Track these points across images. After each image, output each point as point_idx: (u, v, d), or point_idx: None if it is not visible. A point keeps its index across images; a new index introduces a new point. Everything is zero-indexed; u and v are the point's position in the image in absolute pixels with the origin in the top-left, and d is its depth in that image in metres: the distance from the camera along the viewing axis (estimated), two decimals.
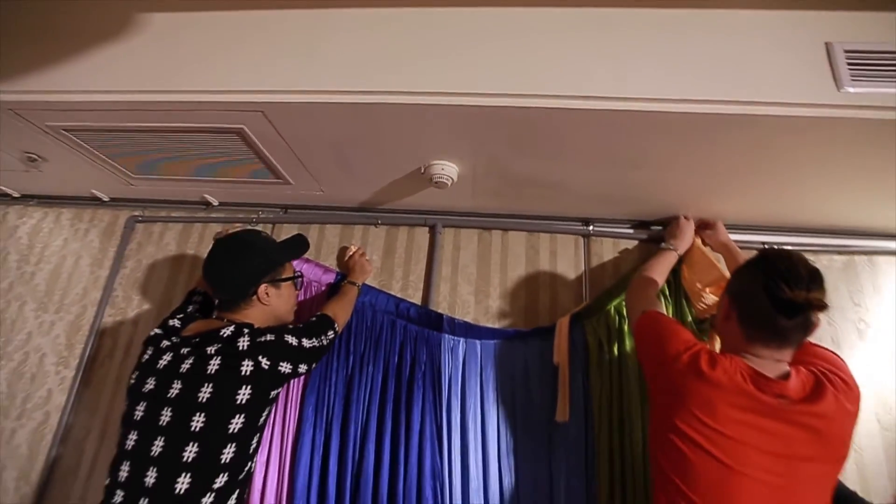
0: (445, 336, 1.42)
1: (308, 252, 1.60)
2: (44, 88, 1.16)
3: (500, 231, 1.62)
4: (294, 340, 1.10)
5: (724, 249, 1.38)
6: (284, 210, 1.73)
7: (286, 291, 1.23)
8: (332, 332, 1.22)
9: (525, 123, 1.09)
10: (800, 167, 1.17)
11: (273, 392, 1.06)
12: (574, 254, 1.57)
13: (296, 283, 1.28)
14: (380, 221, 1.66)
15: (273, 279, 1.17)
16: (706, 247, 1.42)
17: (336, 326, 1.24)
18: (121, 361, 1.61)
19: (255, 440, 1.05)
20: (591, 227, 1.57)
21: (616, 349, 1.34)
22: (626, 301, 1.28)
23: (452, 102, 1.04)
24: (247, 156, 1.35)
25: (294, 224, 1.70)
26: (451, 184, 1.33)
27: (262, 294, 1.14)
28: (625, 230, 1.57)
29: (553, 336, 1.38)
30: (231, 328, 1.05)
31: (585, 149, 1.17)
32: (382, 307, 1.48)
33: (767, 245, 1.48)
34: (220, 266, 1.14)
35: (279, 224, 1.71)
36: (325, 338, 1.18)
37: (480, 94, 1.03)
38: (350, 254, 1.56)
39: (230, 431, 0.97)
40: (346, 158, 1.33)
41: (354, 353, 1.40)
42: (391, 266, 1.61)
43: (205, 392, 0.96)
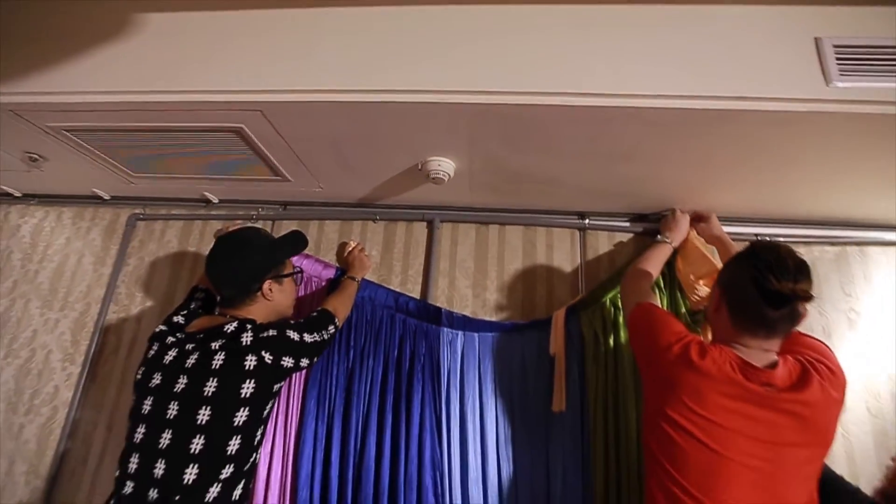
0: (444, 329, 1.45)
1: (308, 248, 1.62)
2: (44, 90, 1.17)
3: (497, 225, 1.64)
4: (296, 335, 1.12)
5: (718, 242, 1.40)
6: (284, 207, 1.75)
7: (288, 287, 1.26)
8: (333, 327, 1.24)
9: (519, 120, 1.11)
10: (791, 160, 1.19)
11: (276, 386, 1.09)
12: (570, 247, 1.59)
13: (296, 279, 1.31)
14: (378, 217, 1.68)
15: (276, 275, 1.20)
16: (700, 239, 1.45)
17: (336, 321, 1.26)
18: (125, 357, 1.64)
19: (260, 432, 1.08)
20: (587, 221, 1.59)
21: (611, 340, 1.37)
22: (621, 293, 1.30)
23: (448, 100, 1.06)
24: (246, 154, 1.37)
25: (294, 220, 1.72)
26: (448, 179, 1.35)
27: (267, 290, 1.17)
28: (620, 223, 1.59)
29: (549, 328, 1.41)
30: (234, 324, 1.07)
31: (579, 144, 1.19)
32: (382, 301, 1.50)
33: (760, 237, 1.50)
34: (225, 264, 1.16)
35: (279, 221, 1.73)
36: (326, 332, 1.21)
37: (475, 92, 1.05)
38: (349, 249, 1.58)
39: (235, 424, 1.00)
40: (344, 156, 1.35)
41: (355, 347, 1.43)
42: (390, 261, 1.63)
43: (210, 386, 0.99)
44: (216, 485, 0.97)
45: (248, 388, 1.01)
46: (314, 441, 1.34)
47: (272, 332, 1.09)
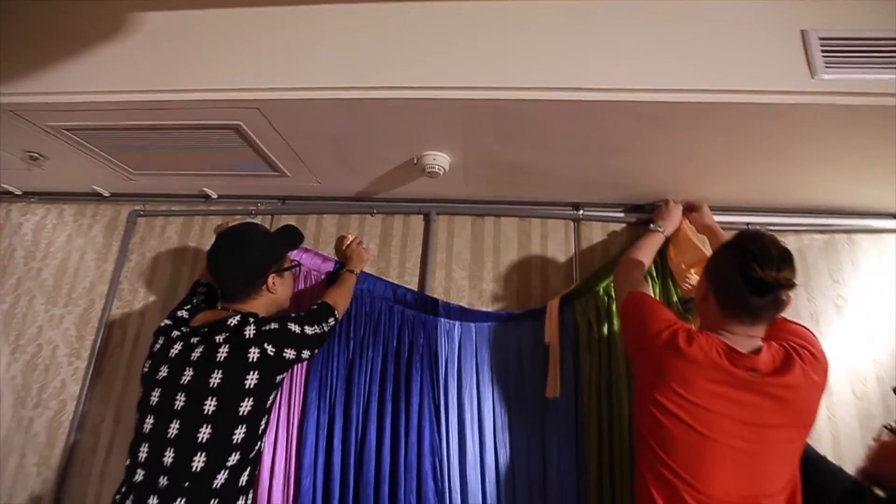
0: (441, 320, 1.48)
1: (306, 241, 1.66)
2: (44, 90, 1.19)
3: (493, 217, 1.66)
4: (297, 328, 1.16)
5: (709, 231, 1.43)
6: (282, 201, 1.77)
7: (288, 280, 1.30)
8: (333, 319, 1.28)
9: (512, 115, 1.13)
10: (779, 151, 1.21)
11: (279, 377, 1.13)
12: (564, 238, 1.62)
13: (294, 272, 1.35)
14: (376, 210, 1.70)
15: (278, 269, 1.24)
16: (692, 229, 1.47)
17: (336, 313, 1.30)
18: (130, 351, 1.68)
19: (264, 422, 1.11)
20: (581, 212, 1.62)
21: (605, 329, 1.40)
22: (614, 282, 1.33)
23: (442, 96, 1.08)
24: (243, 149, 1.39)
25: (292, 215, 1.74)
26: (444, 173, 1.38)
27: (271, 284, 1.21)
28: (614, 214, 1.62)
29: (544, 317, 1.44)
30: (237, 318, 1.11)
31: (572, 138, 1.21)
32: (380, 293, 1.53)
33: (752, 225, 1.53)
34: (229, 260, 1.19)
35: (278, 215, 1.75)
36: (326, 324, 1.24)
37: (469, 88, 1.07)
38: (347, 243, 1.61)
39: (240, 414, 1.04)
40: (341, 151, 1.37)
41: (355, 338, 1.46)
42: (388, 254, 1.66)
43: (215, 378, 1.03)
44: (223, 472, 1.01)
45: (252, 380, 1.05)
46: (316, 430, 1.38)
47: (274, 326, 1.12)
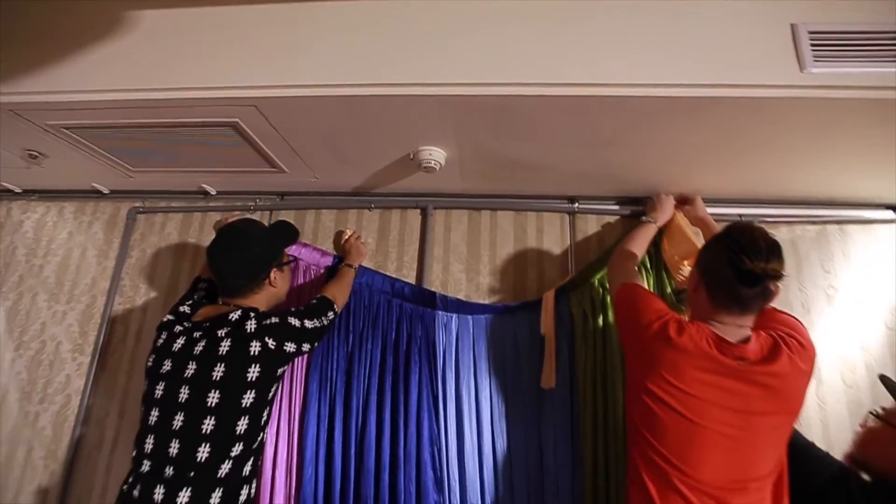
0: (439, 313, 1.50)
1: (306, 237, 1.69)
2: (43, 89, 1.20)
3: (489, 211, 1.68)
4: (297, 322, 1.18)
5: (702, 224, 1.45)
6: (281, 197, 1.78)
7: (287, 274, 1.34)
8: (332, 313, 1.30)
9: (506, 110, 1.14)
10: (770, 143, 1.22)
11: (280, 369, 1.15)
12: (560, 231, 1.64)
13: (291, 266, 1.39)
14: (373, 205, 1.72)
15: (279, 264, 1.28)
16: (685, 221, 1.49)
17: (335, 307, 1.32)
18: (133, 346, 1.70)
19: (266, 413, 1.14)
20: (577, 205, 1.64)
21: (600, 320, 1.43)
22: (608, 274, 1.36)
23: (437, 93, 1.09)
24: (241, 146, 1.40)
25: (291, 210, 1.76)
26: (440, 168, 1.39)
27: (273, 278, 1.24)
28: (609, 206, 1.64)
29: (540, 309, 1.47)
30: (238, 312, 1.13)
31: (565, 132, 1.23)
32: (379, 287, 1.56)
33: (744, 217, 1.55)
34: (232, 256, 1.21)
35: (276, 211, 1.77)
36: (326, 318, 1.27)
37: (462, 84, 1.08)
38: (346, 237, 1.63)
39: (243, 406, 1.06)
40: (338, 147, 1.38)
41: (354, 332, 1.49)
42: (385, 248, 1.68)
43: (218, 371, 1.05)
44: (227, 461, 1.04)
45: (254, 372, 1.08)
46: (317, 421, 1.41)
47: (275, 320, 1.15)
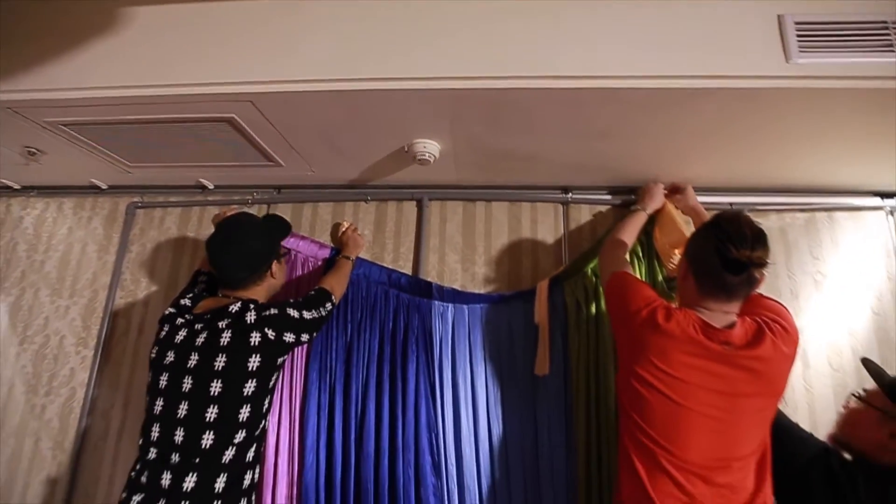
0: (435, 302, 1.53)
1: (303, 229, 1.71)
2: (40, 87, 1.21)
3: (484, 202, 1.71)
4: (295, 313, 1.21)
5: (693, 212, 1.47)
6: (278, 190, 1.80)
7: (283, 266, 1.39)
8: (330, 304, 1.33)
9: (498, 103, 1.16)
10: (758, 132, 1.25)
11: (279, 359, 1.19)
12: (554, 221, 1.66)
13: (287, 258, 1.44)
14: (369, 198, 1.74)
15: (278, 256, 1.31)
16: (677, 210, 1.52)
17: (333, 298, 1.35)
18: (136, 339, 1.73)
19: (267, 401, 1.18)
20: (570, 195, 1.66)
21: (593, 308, 1.46)
22: (599, 263, 1.39)
23: (430, 86, 1.11)
24: (238, 141, 1.42)
25: (288, 203, 1.78)
26: (434, 160, 1.41)
27: (274, 270, 1.28)
28: (602, 196, 1.66)
29: (534, 298, 1.50)
30: (238, 304, 1.16)
31: (557, 124, 1.25)
32: (376, 278, 1.58)
33: (735, 205, 1.57)
34: (233, 249, 1.23)
35: (274, 204, 1.79)
36: (324, 309, 1.30)
37: (455, 78, 1.10)
38: (343, 230, 1.65)
39: (244, 394, 1.10)
40: (334, 141, 1.40)
41: (352, 322, 1.52)
42: (382, 239, 1.71)
43: (220, 361, 1.08)
44: (231, 448, 1.08)
45: (255, 362, 1.11)
46: (318, 410, 1.44)
47: (274, 311, 1.17)
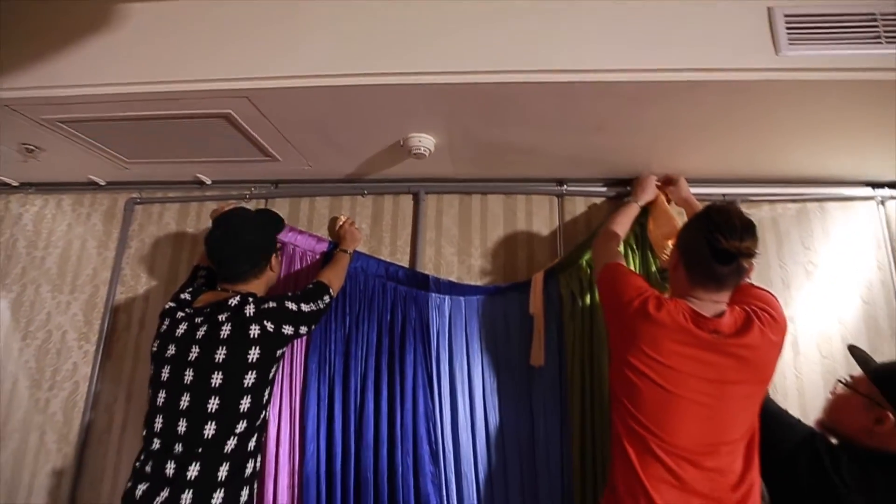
0: (432, 295, 1.56)
1: (301, 224, 1.73)
2: (37, 84, 1.22)
3: (480, 195, 1.72)
4: (294, 306, 1.23)
5: (686, 204, 1.49)
6: (275, 185, 1.81)
7: (280, 259, 1.43)
8: (328, 297, 1.35)
9: (491, 97, 1.17)
10: (750, 124, 1.26)
11: (279, 351, 1.21)
12: (549, 213, 1.68)
13: (282, 252, 1.49)
14: (366, 192, 1.76)
15: (276, 249, 1.35)
16: (669, 202, 1.53)
17: (331, 291, 1.37)
18: (137, 334, 1.75)
19: (267, 392, 1.20)
20: (565, 187, 1.68)
21: (587, 300, 1.48)
22: (592, 255, 1.41)
23: (424, 81, 1.12)
24: (234, 136, 1.43)
25: (286, 198, 1.79)
26: (429, 154, 1.42)
27: (274, 263, 1.32)
28: (597, 188, 1.67)
29: (530, 290, 1.52)
30: (237, 298, 1.18)
31: (551, 117, 1.26)
32: (373, 271, 1.60)
33: (727, 196, 1.59)
34: (231, 244, 1.25)
35: (271, 199, 1.80)
36: (322, 301, 1.32)
37: (450, 73, 1.11)
38: (340, 223, 1.66)
39: (245, 386, 1.12)
40: (330, 136, 1.41)
41: (350, 315, 1.54)
42: (379, 233, 1.72)
43: (220, 354, 1.11)
44: (232, 438, 1.10)
45: (254, 354, 1.13)
46: (318, 401, 1.47)
47: (272, 304, 1.20)
